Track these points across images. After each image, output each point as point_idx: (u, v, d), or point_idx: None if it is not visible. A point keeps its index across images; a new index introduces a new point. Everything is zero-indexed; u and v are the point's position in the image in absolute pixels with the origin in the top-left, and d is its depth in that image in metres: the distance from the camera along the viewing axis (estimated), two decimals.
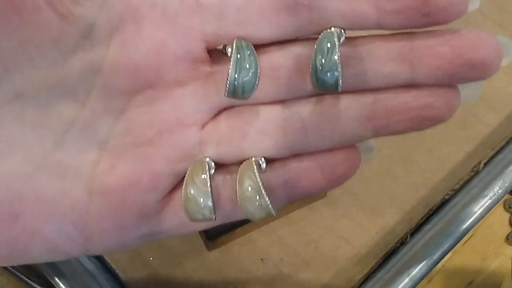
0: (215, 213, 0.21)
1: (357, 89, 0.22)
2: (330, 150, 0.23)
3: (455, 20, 0.20)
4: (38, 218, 0.20)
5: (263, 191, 0.20)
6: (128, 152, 0.21)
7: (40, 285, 0.43)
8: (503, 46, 0.21)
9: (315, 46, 0.20)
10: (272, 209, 0.21)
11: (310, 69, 0.20)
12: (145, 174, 0.21)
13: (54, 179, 0.20)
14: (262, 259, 0.39)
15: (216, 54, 0.22)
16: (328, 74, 0.20)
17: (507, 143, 0.43)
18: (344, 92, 0.21)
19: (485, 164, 0.42)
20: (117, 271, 0.39)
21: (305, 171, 0.23)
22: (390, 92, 0.22)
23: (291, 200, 0.23)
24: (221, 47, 0.22)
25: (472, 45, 0.20)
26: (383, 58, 0.21)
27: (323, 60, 0.20)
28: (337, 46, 0.20)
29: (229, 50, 0.21)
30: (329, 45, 0.20)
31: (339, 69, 0.20)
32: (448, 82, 0.21)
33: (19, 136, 0.19)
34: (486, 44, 0.20)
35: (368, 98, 0.22)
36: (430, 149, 0.42)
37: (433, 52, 0.21)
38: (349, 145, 0.23)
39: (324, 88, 0.20)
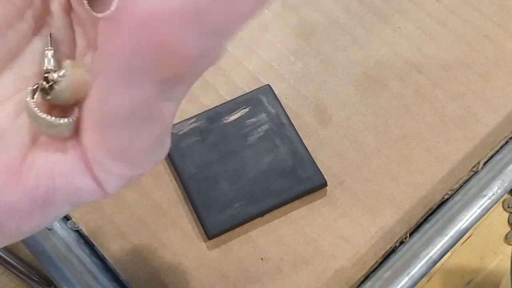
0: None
1: None
2: None
3: None
4: None
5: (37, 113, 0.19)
6: None
7: (41, 285, 0.43)
8: None
9: None
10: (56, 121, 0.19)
11: None
12: None
13: None
14: (262, 258, 0.39)
15: None
16: None
17: (506, 143, 0.43)
18: None
19: (484, 164, 0.42)
20: (117, 271, 0.39)
21: None
22: None
23: None
24: None
25: None
26: None
27: None
28: None
29: None
30: None
31: None
32: None
33: None
34: None
35: None
36: (430, 149, 0.42)
37: None
38: None
39: None
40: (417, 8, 0.48)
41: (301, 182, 0.40)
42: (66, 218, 0.41)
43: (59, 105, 0.20)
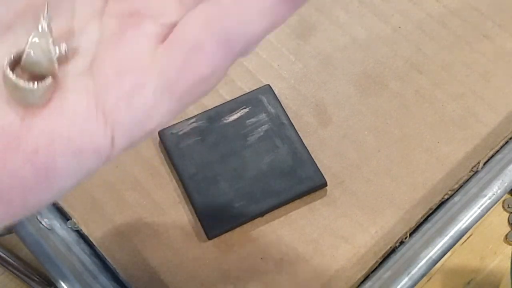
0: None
1: None
2: None
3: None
4: None
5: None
6: None
7: (41, 285, 0.43)
8: None
9: None
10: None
11: None
12: None
13: None
14: (262, 258, 0.39)
15: None
16: None
17: (506, 143, 0.43)
18: None
19: (484, 164, 0.42)
20: (117, 270, 0.39)
21: None
22: None
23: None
24: None
25: None
26: None
27: None
28: None
29: None
30: None
31: None
32: None
33: None
34: None
35: None
36: (430, 149, 0.42)
37: None
38: None
39: None
40: (417, 8, 0.48)
41: (301, 182, 0.40)
42: (66, 218, 0.41)
43: (36, 75, 0.19)
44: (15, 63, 0.20)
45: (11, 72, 0.19)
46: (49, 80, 0.19)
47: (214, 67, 0.19)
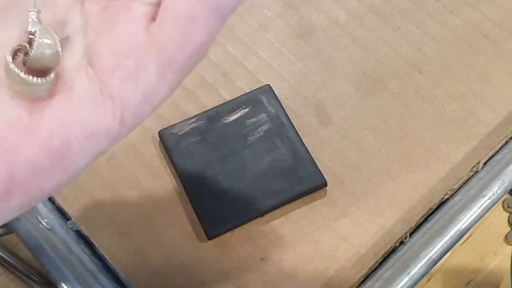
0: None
1: None
2: None
3: None
4: None
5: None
6: None
7: (41, 285, 0.43)
8: None
9: None
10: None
11: None
12: None
13: None
14: (262, 258, 0.39)
15: None
16: None
17: (506, 143, 0.43)
18: None
19: (484, 164, 0.42)
20: (117, 271, 0.39)
21: None
22: None
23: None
24: None
25: None
26: None
27: None
28: None
29: None
30: None
31: None
32: None
33: None
34: None
35: None
36: (430, 149, 0.42)
37: None
38: None
39: None
40: (417, 8, 0.48)
41: (301, 182, 0.40)
42: (66, 218, 0.41)
43: (40, 69, 0.20)
44: (13, 57, 0.20)
45: (18, 69, 0.19)
46: (53, 73, 0.20)
47: (210, 33, 0.21)
